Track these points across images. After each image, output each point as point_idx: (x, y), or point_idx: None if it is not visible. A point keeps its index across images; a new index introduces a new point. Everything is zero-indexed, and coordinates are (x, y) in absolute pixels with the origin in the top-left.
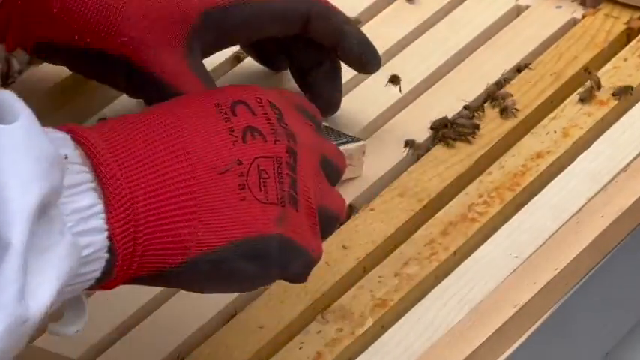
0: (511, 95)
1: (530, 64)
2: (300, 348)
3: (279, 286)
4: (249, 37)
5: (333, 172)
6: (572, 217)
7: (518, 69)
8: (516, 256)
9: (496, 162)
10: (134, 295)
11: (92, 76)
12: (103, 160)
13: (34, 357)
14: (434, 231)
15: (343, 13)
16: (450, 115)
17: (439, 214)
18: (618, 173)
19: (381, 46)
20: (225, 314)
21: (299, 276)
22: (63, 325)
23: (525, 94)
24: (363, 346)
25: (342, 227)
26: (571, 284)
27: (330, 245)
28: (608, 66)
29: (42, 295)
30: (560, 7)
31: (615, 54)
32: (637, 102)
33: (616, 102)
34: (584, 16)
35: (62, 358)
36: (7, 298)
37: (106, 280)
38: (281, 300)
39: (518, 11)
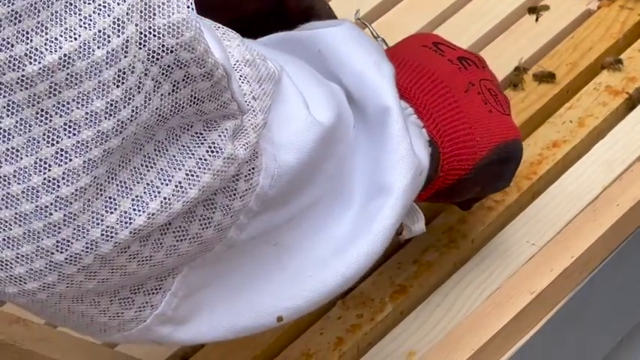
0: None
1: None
2: (321, 334)
3: None
4: (226, 16)
5: None
6: (588, 205)
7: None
8: (533, 244)
9: None
10: None
11: None
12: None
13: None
14: (452, 219)
15: None
16: None
17: None
18: (633, 162)
19: (399, 37)
20: None
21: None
22: (408, 230)
23: (541, 84)
24: (382, 332)
25: None
26: (587, 271)
27: None
28: (622, 56)
29: (421, 149)
30: None
31: (630, 45)
32: None
33: (631, 91)
34: (599, 8)
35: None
36: (406, 150)
37: (428, 184)
38: None
39: (534, 3)
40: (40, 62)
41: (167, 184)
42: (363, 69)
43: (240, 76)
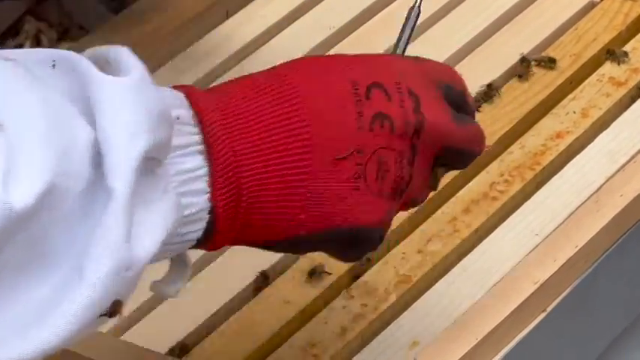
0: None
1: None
2: (326, 323)
3: (305, 261)
4: None
5: (457, 160)
6: (591, 195)
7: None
8: (537, 234)
9: (517, 141)
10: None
11: None
12: (209, 123)
13: None
14: (456, 209)
15: None
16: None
17: (461, 192)
18: (637, 153)
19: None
20: (251, 290)
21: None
22: (165, 285)
23: (545, 75)
24: (386, 322)
25: None
26: (591, 261)
27: None
28: (626, 48)
29: (147, 244)
30: None
31: (633, 36)
32: None
33: (635, 83)
34: None
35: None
36: (112, 240)
37: (207, 242)
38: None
39: None
40: None
41: None
42: (110, 140)
43: None
